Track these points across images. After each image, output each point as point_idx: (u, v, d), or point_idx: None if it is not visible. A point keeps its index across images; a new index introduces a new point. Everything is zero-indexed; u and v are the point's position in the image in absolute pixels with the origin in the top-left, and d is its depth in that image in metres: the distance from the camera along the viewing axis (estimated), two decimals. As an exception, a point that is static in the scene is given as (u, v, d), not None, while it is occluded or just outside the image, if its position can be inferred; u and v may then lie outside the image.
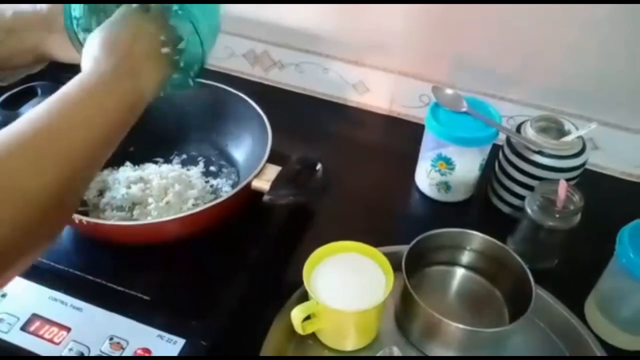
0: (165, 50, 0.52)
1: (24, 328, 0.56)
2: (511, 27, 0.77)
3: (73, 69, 0.49)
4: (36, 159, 0.39)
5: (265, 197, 0.61)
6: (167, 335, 0.56)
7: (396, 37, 0.85)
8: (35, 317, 0.57)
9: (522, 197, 0.68)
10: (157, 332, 0.56)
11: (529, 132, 0.68)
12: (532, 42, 0.77)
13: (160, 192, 0.68)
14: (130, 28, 0.51)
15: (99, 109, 0.45)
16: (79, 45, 0.56)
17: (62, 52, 0.58)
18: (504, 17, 0.76)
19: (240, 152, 0.78)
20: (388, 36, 0.85)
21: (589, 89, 0.78)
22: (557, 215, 0.62)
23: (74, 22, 0.56)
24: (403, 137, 0.88)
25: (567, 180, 0.64)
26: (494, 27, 0.78)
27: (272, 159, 0.67)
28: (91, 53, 0.49)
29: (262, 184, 0.63)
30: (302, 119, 0.92)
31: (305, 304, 0.54)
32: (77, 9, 0.56)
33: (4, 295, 0.59)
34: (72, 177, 0.42)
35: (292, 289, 0.60)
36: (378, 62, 0.89)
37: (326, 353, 0.58)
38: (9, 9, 0.55)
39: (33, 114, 0.42)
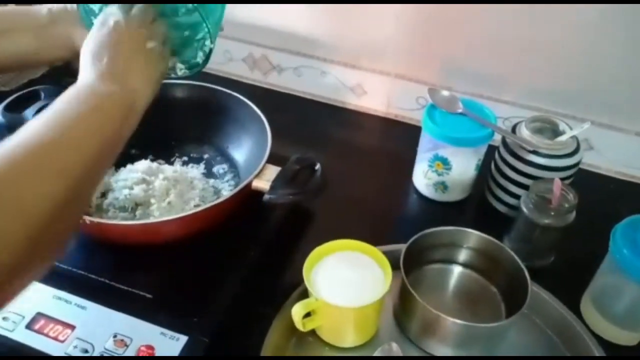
0: (150, 44, 0.53)
1: (29, 326, 0.57)
2: (505, 30, 0.78)
3: (75, 73, 0.51)
4: (34, 172, 0.39)
5: (265, 197, 0.63)
6: (169, 332, 0.56)
7: (392, 41, 0.86)
8: (40, 315, 0.58)
9: (518, 196, 0.69)
10: (160, 329, 0.57)
11: (524, 132, 0.69)
12: (526, 43, 0.78)
13: (162, 193, 0.69)
14: (111, 32, 0.52)
15: (90, 123, 0.45)
16: None
17: None
18: (498, 19, 0.77)
19: (240, 153, 0.80)
20: (384, 40, 0.86)
21: (583, 91, 0.79)
22: (552, 213, 0.63)
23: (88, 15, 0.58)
24: (400, 138, 0.89)
25: (562, 179, 0.65)
26: (488, 30, 0.79)
27: (271, 160, 0.68)
28: (81, 64, 0.50)
29: (262, 183, 0.65)
30: (301, 122, 0.93)
31: (306, 300, 0.55)
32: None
33: (9, 295, 0.60)
34: (72, 189, 0.41)
35: (293, 287, 0.61)
36: (375, 65, 0.90)
37: (326, 350, 0.59)
38: (44, 7, 0.59)
39: (30, 128, 0.42)
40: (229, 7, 0.83)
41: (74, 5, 0.59)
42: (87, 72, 0.50)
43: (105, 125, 0.47)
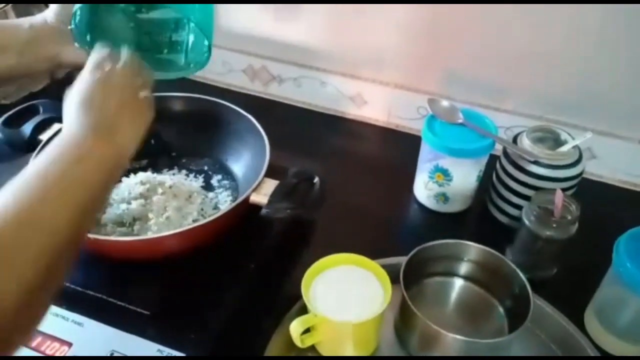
0: (143, 93, 0.52)
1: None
2: (506, 38, 0.77)
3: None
4: (9, 255, 0.38)
5: (263, 211, 0.62)
6: (166, 350, 0.56)
7: (391, 51, 0.86)
8: (36, 332, 0.57)
9: (519, 207, 0.68)
10: (157, 346, 0.56)
11: (525, 142, 0.69)
12: (527, 52, 0.77)
13: (160, 208, 0.69)
14: (104, 79, 0.50)
15: (73, 181, 0.43)
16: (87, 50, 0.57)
17: (76, 58, 0.58)
18: (499, 28, 0.77)
19: (239, 166, 0.79)
20: (383, 50, 0.86)
21: (585, 98, 0.78)
22: (554, 225, 0.62)
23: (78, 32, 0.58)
24: (401, 148, 0.88)
25: (564, 189, 0.64)
26: (488, 39, 0.79)
27: (271, 173, 0.68)
28: (66, 119, 0.48)
29: (260, 198, 0.64)
30: (301, 133, 0.93)
31: (304, 316, 0.55)
32: (80, 17, 0.57)
33: (6, 312, 0.59)
34: (57, 245, 0.41)
35: (292, 302, 0.60)
36: (375, 75, 0.89)
37: (326, 366, 0.59)
38: (26, 22, 0.59)
39: (4, 199, 0.40)
40: (229, 19, 0.84)
41: (54, 19, 0.59)
42: (73, 122, 0.47)
43: (89, 183, 0.44)
